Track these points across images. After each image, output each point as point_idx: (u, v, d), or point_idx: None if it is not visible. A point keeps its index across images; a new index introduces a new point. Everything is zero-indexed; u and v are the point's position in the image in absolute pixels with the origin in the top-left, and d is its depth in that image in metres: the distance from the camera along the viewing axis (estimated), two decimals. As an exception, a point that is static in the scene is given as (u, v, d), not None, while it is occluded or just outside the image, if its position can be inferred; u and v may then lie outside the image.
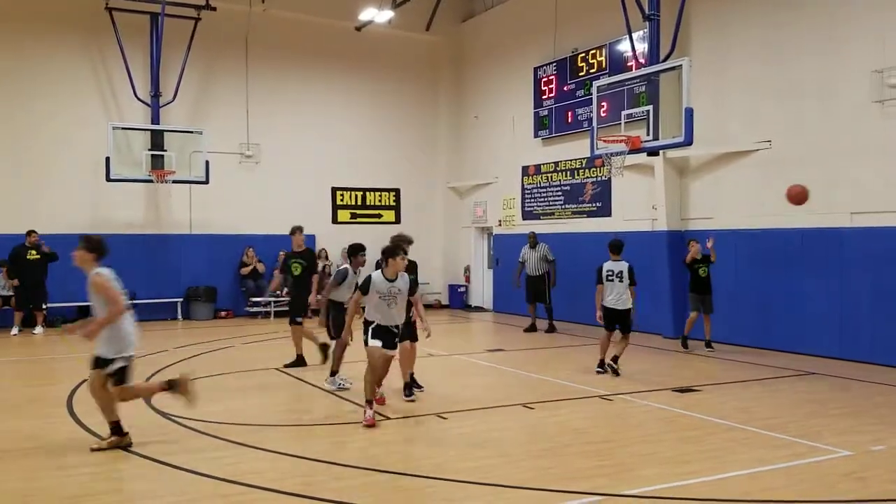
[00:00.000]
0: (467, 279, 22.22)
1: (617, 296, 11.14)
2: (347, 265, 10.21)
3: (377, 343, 8.06)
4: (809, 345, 12.79)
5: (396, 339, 8.34)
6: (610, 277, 11.20)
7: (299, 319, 11.63)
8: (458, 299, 22.09)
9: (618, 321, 11.16)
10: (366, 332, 8.10)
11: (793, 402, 9.33)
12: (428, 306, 21.68)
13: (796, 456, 6.88)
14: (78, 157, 17.90)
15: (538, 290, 16.54)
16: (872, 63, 11.83)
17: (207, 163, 17.90)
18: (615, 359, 11.22)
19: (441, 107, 22.52)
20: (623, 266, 11.14)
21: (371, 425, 7.87)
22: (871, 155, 11.96)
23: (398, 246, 8.23)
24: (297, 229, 12.11)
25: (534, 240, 16.70)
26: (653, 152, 14.09)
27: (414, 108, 22.23)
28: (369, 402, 8.06)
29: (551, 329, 16.38)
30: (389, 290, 8.06)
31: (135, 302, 18.52)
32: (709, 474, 6.35)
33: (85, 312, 17.91)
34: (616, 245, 11.37)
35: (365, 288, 8.09)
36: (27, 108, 17.77)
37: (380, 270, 8.15)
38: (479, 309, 21.57)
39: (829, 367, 11.63)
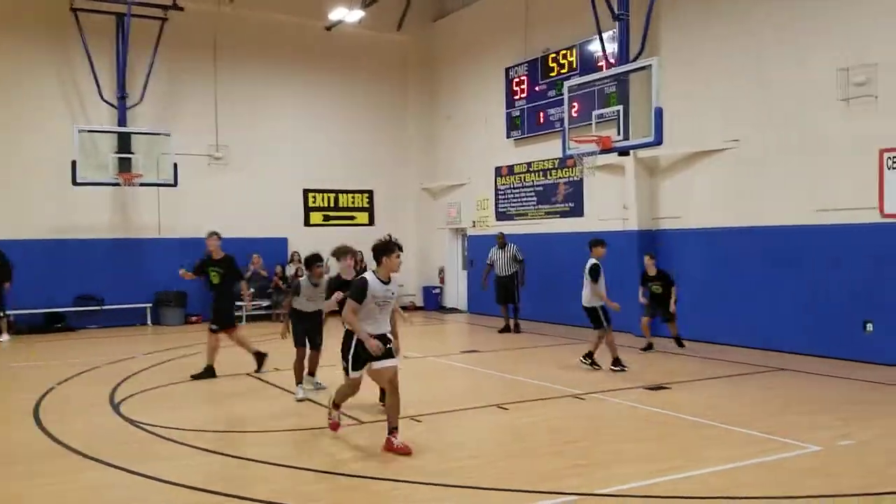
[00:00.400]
0: (442, 280, 22.19)
1: (583, 294, 11.34)
2: (303, 276, 9.91)
3: (356, 374, 7.29)
4: (779, 341, 12.91)
5: (390, 346, 7.31)
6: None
7: (215, 327, 11.26)
8: (432, 301, 22.05)
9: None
10: (345, 358, 7.26)
11: (762, 399, 9.40)
12: (402, 308, 21.62)
13: (766, 452, 6.92)
14: (43, 161, 17.60)
15: (508, 291, 16.51)
16: (838, 62, 11.97)
17: (176, 165, 17.68)
18: (587, 354, 11.42)
19: (413, 107, 22.47)
20: (588, 264, 11.28)
21: (335, 428, 7.65)
22: (837, 153, 12.10)
23: (392, 242, 7.16)
24: (211, 234, 11.40)
25: (502, 240, 16.70)
26: (624, 152, 14.16)
27: (386, 109, 22.15)
28: (336, 405, 7.69)
29: (517, 329, 16.37)
30: (385, 293, 7.14)
31: (103, 308, 18.38)
32: (680, 472, 6.37)
33: (55, 319, 17.66)
34: (588, 243, 11.53)
35: (361, 294, 7.02)
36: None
37: (371, 272, 7.18)
38: (453, 310, 21.54)
39: (799, 363, 11.74)
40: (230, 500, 5.79)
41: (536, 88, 18.33)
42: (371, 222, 21.81)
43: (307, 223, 21.08)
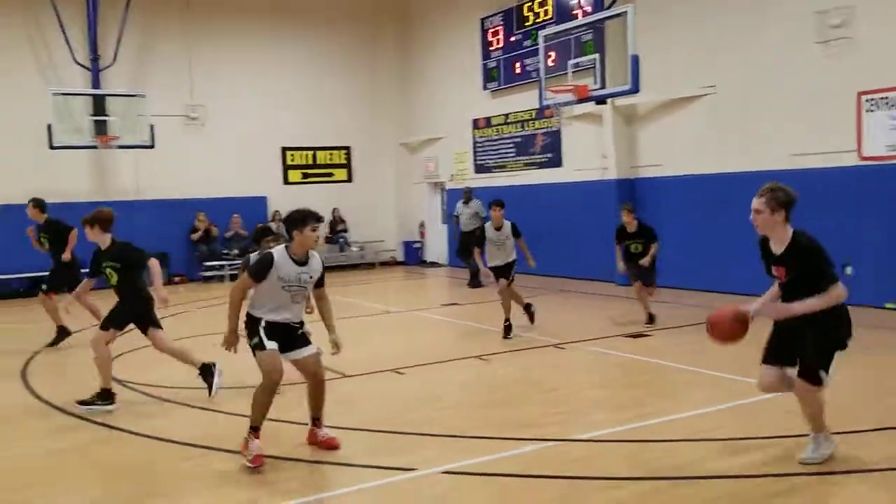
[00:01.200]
0: (422, 235, 22.20)
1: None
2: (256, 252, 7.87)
3: (273, 346, 5.74)
4: (760, 286, 12.97)
5: (303, 331, 5.96)
6: None
7: (45, 287, 11.02)
8: (413, 255, 22.09)
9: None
10: (254, 333, 5.77)
11: (742, 343, 9.51)
12: (384, 263, 21.70)
13: (744, 395, 7.04)
14: (19, 126, 17.29)
15: (469, 246, 16.52)
16: (815, 4, 11.92)
17: (152, 126, 17.48)
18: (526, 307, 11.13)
19: (389, 61, 22.19)
20: None
21: (258, 465, 5.55)
22: (815, 97, 12.11)
23: (306, 212, 5.77)
24: (29, 202, 11.45)
25: (468, 195, 16.79)
26: (601, 101, 14.11)
27: (362, 64, 21.88)
28: (254, 430, 5.71)
29: (474, 284, 16.07)
30: (299, 277, 5.74)
31: (85, 270, 18.21)
32: (659, 416, 6.50)
33: (37, 283, 17.54)
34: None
35: (261, 272, 5.65)
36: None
37: (283, 248, 5.79)
38: (434, 264, 21.59)
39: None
40: (220, 454, 5.90)
41: (512, 39, 18.15)
42: (349, 179, 21.75)
43: (286, 181, 20.97)
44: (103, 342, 7.44)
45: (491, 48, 18.83)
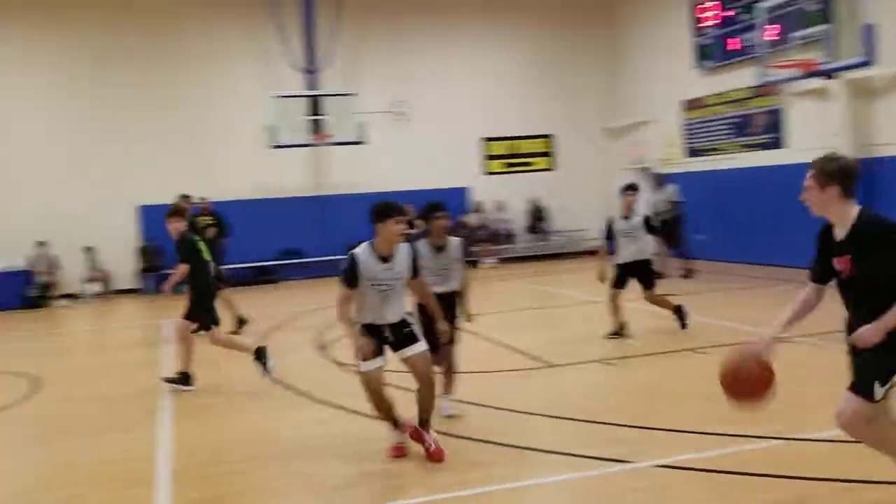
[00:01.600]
0: (628, 222, 21.54)
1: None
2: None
3: (370, 367, 5.58)
4: None
5: (409, 329, 5.72)
6: None
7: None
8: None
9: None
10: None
11: None
12: (587, 252, 21.27)
13: None
14: (241, 127, 18.80)
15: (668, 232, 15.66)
16: None
17: (363, 124, 18.28)
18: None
19: (592, 45, 21.63)
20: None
21: (392, 454, 5.69)
22: None
23: (392, 206, 5.61)
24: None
25: (658, 182, 16.48)
26: (830, 75, 12.98)
27: (563, 49, 21.51)
28: (394, 423, 5.78)
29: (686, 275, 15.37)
30: (385, 275, 5.55)
31: (306, 260, 19.55)
32: (904, 418, 5.80)
33: (263, 272, 18.96)
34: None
35: (352, 277, 5.49)
36: (195, 84, 18.95)
37: (367, 245, 5.60)
38: (640, 253, 20.87)
39: None
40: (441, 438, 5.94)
41: (727, 13, 17.12)
42: (551, 167, 21.56)
43: (487, 172, 21.16)
44: (218, 340, 8.45)
45: (704, 24, 17.87)
